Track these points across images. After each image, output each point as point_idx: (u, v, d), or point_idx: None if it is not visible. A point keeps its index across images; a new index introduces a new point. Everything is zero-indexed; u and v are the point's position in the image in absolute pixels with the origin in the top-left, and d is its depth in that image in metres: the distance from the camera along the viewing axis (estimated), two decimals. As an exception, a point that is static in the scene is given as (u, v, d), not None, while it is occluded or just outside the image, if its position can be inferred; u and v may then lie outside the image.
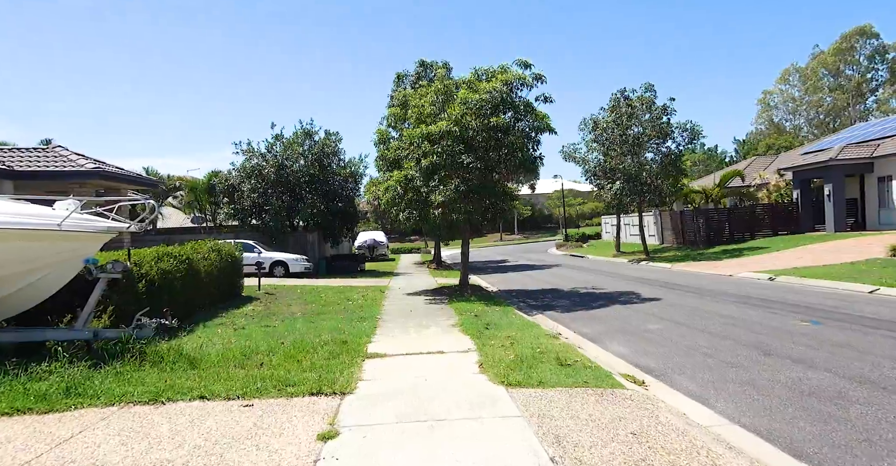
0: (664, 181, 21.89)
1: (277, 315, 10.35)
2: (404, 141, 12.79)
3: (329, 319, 9.62)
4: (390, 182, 12.33)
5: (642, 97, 21.73)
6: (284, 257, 18.79)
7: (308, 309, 11.10)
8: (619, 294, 12.52)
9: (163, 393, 4.69)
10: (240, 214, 19.76)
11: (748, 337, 6.91)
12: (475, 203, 12.43)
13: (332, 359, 6.23)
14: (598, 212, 63.42)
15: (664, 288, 13.22)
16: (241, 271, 12.80)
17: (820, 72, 47.30)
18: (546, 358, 5.97)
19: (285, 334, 8.03)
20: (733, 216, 24.06)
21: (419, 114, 12.69)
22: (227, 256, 11.72)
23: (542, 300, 12.42)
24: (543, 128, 12.39)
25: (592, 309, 10.55)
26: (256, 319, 9.85)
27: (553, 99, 12.15)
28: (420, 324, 8.92)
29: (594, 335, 7.94)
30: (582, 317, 9.61)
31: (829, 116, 48.16)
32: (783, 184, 24.87)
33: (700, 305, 10.01)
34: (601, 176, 23.25)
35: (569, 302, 11.68)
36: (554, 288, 14.58)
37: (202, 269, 10.35)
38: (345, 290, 14.50)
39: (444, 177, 12.36)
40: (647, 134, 21.61)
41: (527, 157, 12.28)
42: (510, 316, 9.54)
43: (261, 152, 20.28)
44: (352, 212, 22.41)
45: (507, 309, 10.49)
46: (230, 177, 20.03)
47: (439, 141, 11.97)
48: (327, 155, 21.05)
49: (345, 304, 11.65)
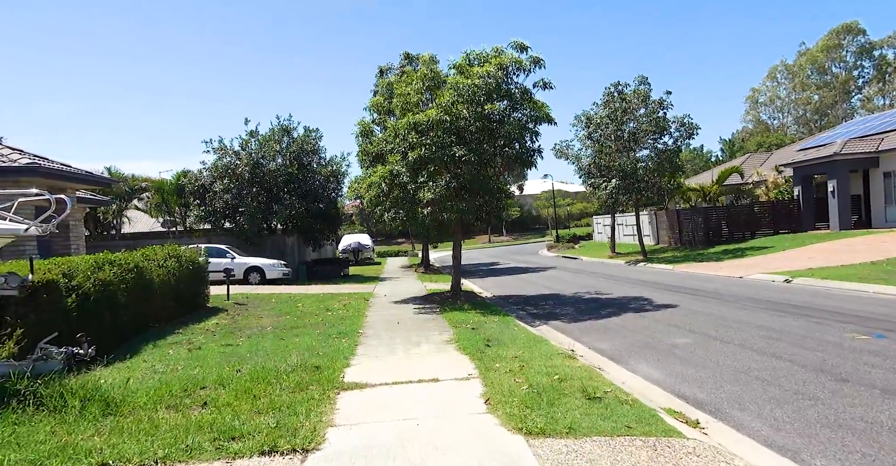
0: (662, 178, 20.95)
1: (244, 330, 8.99)
2: (389, 133, 11.52)
3: (303, 335, 8.30)
4: (373, 178, 11.05)
5: (637, 90, 20.78)
6: (260, 262, 17.35)
7: (281, 322, 9.75)
8: (627, 300, 11.39)
9: (46, 462, 3.34)
10: (211, 217, 18.24)
11: (806, 356, 5.76)
12: (468, 200, 11.21)
13: (298, 393, 4.94)
14: (587, 212, 62.89)
15: (675, 292, 12.13)
16: (205, 279, 11.39)
17: (807, 69, 47.22)
18: (568, 388, 4.75)
19: (247, 356, 6.70)
20: (732, 214, 23.24)
21: (405, 103, 11.44)
22: (188, 263, 10.32)
23: (543, 307, 11.23)
24: (542, 119, 11.23)
25: (602, 317, 9.39)
26: (219, 336, 8.48)
27: (553, 85, 11.01)
28: (409, 340, 7.65)
29: (614, 352, 6.75)
30: (593, 329, 8.43)
31: (816, 114, 48.10)
32: (782, 181, 24.14)
33: (725, 312, 8.90)
34: (595, 174, 22.23)
35: (574, 310, 10.51)
36: (554, 294, 13.42)
37: (156, 279, 8.95)
38: (325, 298, 13.16)
39: (434, 171, 11.13)
40: (643, 129, 20.64)
41: (524, 149, 11.10)
42: (512, 328, 8.33)
43: (234, 150, 18.80)
44: (334, 214, 21.03)
45: (507, 319, 9.28)
46: (200, 177, 18.50)
47: (428, 132, 10.74)
48: (307, 153, 19.66)
49: (323, 316, 10.33)
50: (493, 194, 11.39)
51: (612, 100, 21.07)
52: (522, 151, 11.14)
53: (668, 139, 21.12)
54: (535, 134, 11.23)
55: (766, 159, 30.58)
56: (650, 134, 20.69)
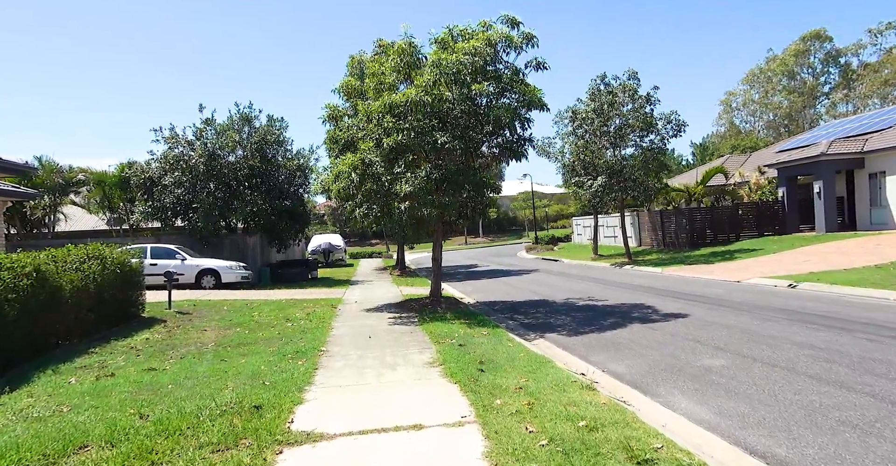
0: (649, 177, 20.10)
1: (179, 347, 7.37)
2: (361, 117, 10.04)
3: (252, 354, 6.77)
4: (342, 166, 9.55)
5: (625, 84, 19.87)
6: (215, 264, 15.53)
7: (228, 336, 8.15)
8: (627, 307, 10.24)
9: None
10: (159, 213, 16.27)
11: (889, 389, 4.59)
12: (451, 195, 9.84)
13: (222, 453, 3.47)
14: (564, 214, 62.54)
15: (677, 298, 11.07)
16: (140, 284, 9.65)
17: (779, 74, 47.92)
18: (603, 441, 3.43)
19: (168, 389, 5.14)
20: (716, 216, 22.64)
21: (378, 84, 9.99)
22: (115, 265, 8.58)
23: (534, 316, 9.96)
24: (535, 104, 9.96)
25: (606, 329, 8.16)
26: (144, 356, 6.85)
27: (548, 65, 9.76)
28: (382, 361, 6.21)
29: (635, 377, 5.49)
30: (600, 344, 7.18)
31: (785, 119, 48.86)
32: (765, 182, 23.73)
33: (747, 324, 7.80)
34: (580, 171, 21.24)
35: (570, 320, 9.27)
36: (543, 300, 12.18)
37: (67, 285, 7.23)
38: (287, 306, 11.57)
39: (413, 161, 9.72)
40: (630, 125, 19.75)
41: (515, 138, 9.81)
42: (505, 343, 7.00)
43: (187, 139, 16.88)
44: (301, 212, 19.31)
45: (497, 331, 7.94)
46: (148, 169, 16.51)
47: (406, 115, 9.32)
48: (270, 144, 17.91)
49: (281, 327, 8.78)
50: (480, 188, 10.06)
51: (598, 94, 20.09)
52: (513, 140, 9.84)
53: (655, 136, 20.31)
54: (526, 121, 9.95)
55: (744, 161, 30.37)
56: (637, 130, 19.82)
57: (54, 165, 17.51)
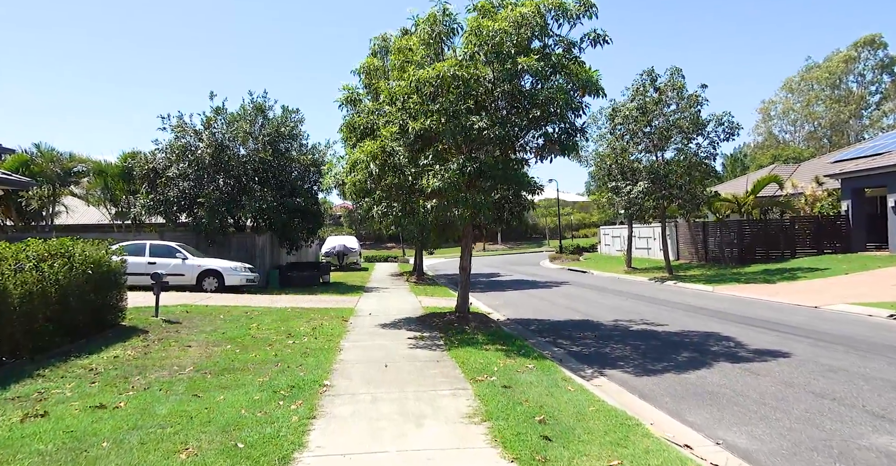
0: (697, 184, 18.19)
1: (149, 371, 5.89)
2: (383, 98, 8.52)
3: (235, 387, 5.25)
4: (359, 153, 8.02)
5: (673, 81, 18.05)
6: (217, 265, 14.16)
7: (214, 356, 6.65)
8: (698, 336, 8.45)
9: None
10: (161, 207, 15.01)
11: None
12: (486, 192, 8.23)
13: None
14: (586, 223, 60.41)
15: (751, 326, 9.24)
16: (120, 287, 8.23)
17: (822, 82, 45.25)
18: None
19: (103, 448, 3.61)
20: (769, 230, 20.55)
21: (404, 61, 8.44)
22: (86, 265, 7.17)
23: (583, 342, 8.24)
24: (590, 88, 8.29)
25: (685, 368, 6.42)
26: (101, 383, 5.38)
27: (609, 38, 8.09)
28: (404, 410, 4.61)
29: (777, 462, 3.76)
30: (688, 392, 5.46)
31: (831, 129, 46.08)
32: (822, 194, 21.55)
33: (885, 372, 5.97)
34: (616, 175, 19.44)
35: (631, 350, 7.54)
36: (586, 320, 10.45)
37: (15, 289, 5.80)
38: (291, 316, 10.08)
39: (443, 151, 8.16)
40: (677, 126, 17.90)
41: (566, 126, 8.16)
42: (562, 384, 5.35)
43: (195, 129, 15.62)
44: (315, 210, 17.90)
45: (546, 364, 6.28)
46: (152, 160, 15.28)
47: (436, 96, 7.76)
48: (284, 137, 16.57)
49: (280, 347, 7.26)
50: (521, 186, 8.40)
51: (643, 91, 18.30)
52: (564, 129, 8.19)
53: (703, 140, 18.42)
54: (579, 107, 8.29)
55: (792, 172, 28.10)
56: (686, 132, 17.95)
57: (54, 153, 16.46)
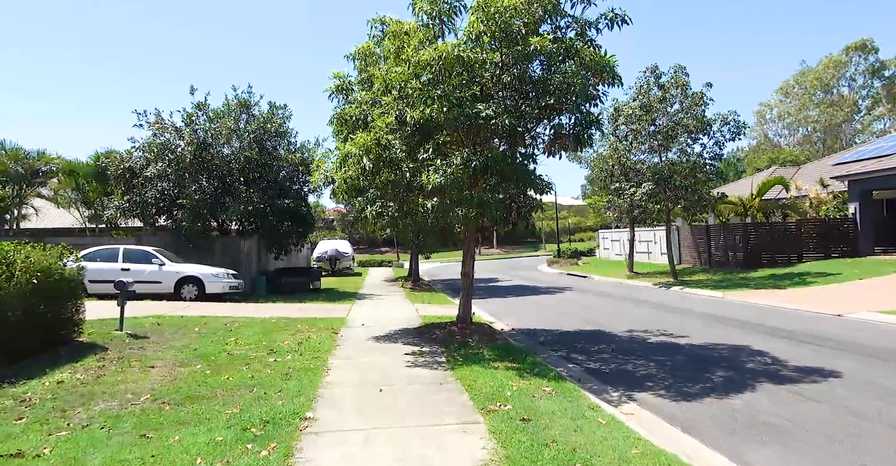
0: (702, 185, 17.50)
1: (96, 401, 4.93)
2: (378, 87, 7.65)
3: (196, 422, 4.32)
4: (350, 147, 7.12)
5: (677, 79, 17.39)
6: (198, 271, 13.14)
7: (179, 379, 5.69)
8: (727, 350, 7.62)
9: None
10: (139, 209, 13.98)
11: None
12: (493, 190, 7.36)
13: None
14: (582, 227, 59.85)
15: (779, 337, 8.44)
16: (76, 296, 7.23)
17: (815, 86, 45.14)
18: None
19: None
20: (775, 233, 19.90)
21: (401, 46, 7.58)
22: (31, 273, 6.18)
23: (600, 357, 7.38)
24: (606, 74, 7.49)
25: (725, 390, 5.58)
26: (30, 419, 4.42)
27: (630, 19, 7.30)
28: (403, 453, 3.71)
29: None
30: (738, 424, 4.61)
31: (825, 133, 45.95)
32: (827, 197, 20.98)
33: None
34: (619, 177, 18.71)
35: (656, 367, 6.69)
36: (599, 330, 9.60)
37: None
38: (275, 328, 9.12)
39: (444, 144, 7.30)
40: (683, 125, 17.22)
41: (583, 117, 7.34)
42: (590, 414, 4.48)
43: (175, 126, 14.63)
44: (304, 213, 16.94)
45: (566, 386, 5.41)
46: (128, 159, 14.26)
47: (437, 82, 6.91)
48: (271, 134, 15.64)
49: (259, 365, 6.32)
50: (530, 183, 7.55)
51: (647, 90, 17.62)
52: (580, 119, 7.37)
53: (708, 139, 17.76)
54: (595, 96, 7.47)
55: (793, 174, 27.63)
56: (691, 131, 17.28)
57: (20, 151, 15.35)
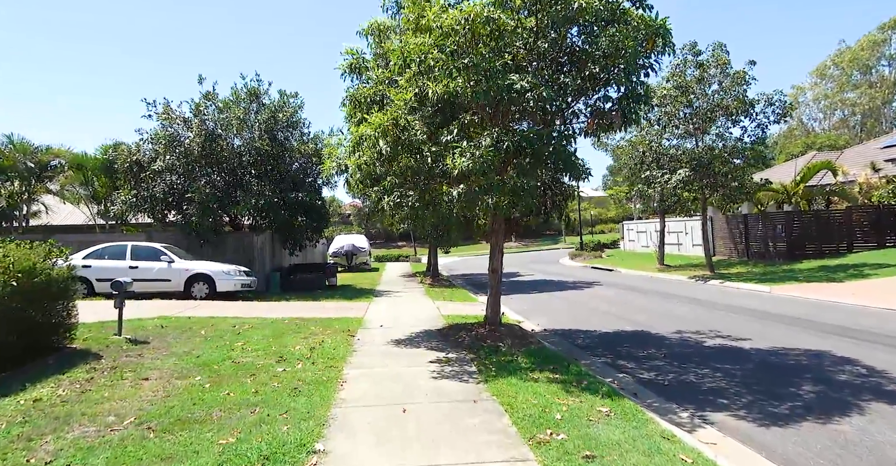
0: (743, 171, 16.22)
1: (71, 426, 4.20)
2: (395, 62, 6.74)
3: (182, 456, 3.54)
4: (364, 128, 6.25)
5: (718, 57, 16.06)
6: (208, 268, 12.52)
7: (172, 394, 4.95)
8: (800, 356, 6.60)
9: None
10: (147, 204, 13.40)
11: None
12: (528, 174, 6.42)
13: None
14: (602, 218, 58.25)
15: (862, 341, 7.35)
16: (67, 298, 6.56)
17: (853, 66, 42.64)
18: None
19: None
20: (821, 222, 18.48)
21: (420, 14, 6.64)
22: (11, 274, 5.50)
23: (652, 364, 6.43)
24: (658, 40, 6.44)
25: (825, 411, 4.61)
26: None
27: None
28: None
29: None
30: (869, 463, 3.64)
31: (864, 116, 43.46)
32: (879, 182, 19.42)
33: None
34: (651, 164, 17.51)
35: (724, 378, 5.72)
36: (643, 332, 8.62)
37: None
38: (287, 330, 8.38)
39: (470, 123, 6.38)
40: (722, 106, 15.92)
41: (631, 91, 6.33)
42: (665, 447, 3.56)
43: (183, 116, 13.98)
44: (319, 207, 16.21)
45: (625, 405, 4.51)
46: (136, 151, 13.68)
47: (462, 52, 5.98)
48: (282, 124, 14.89)
49: (265, 377, 5.55)
50: (572, 167, 6.57)
51: (682, 69, 16.33)
52: (628, 93, 6.35)
53: (750, 122, 16.42)
54: (644, 67, 6.44)
55: (836, 159, 25.89)
56: (729, 113, 15.98)
57: (27, 145, 14.94)
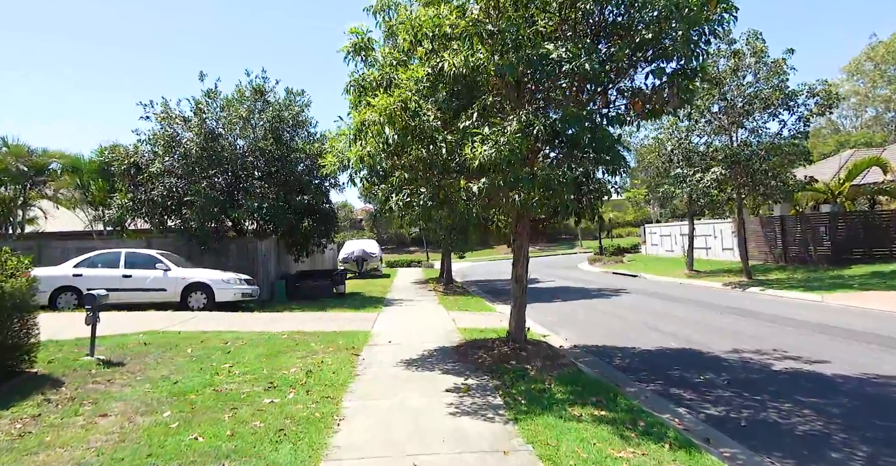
0: (785, 169, 14.91)
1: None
2: (404, 38, 5.75)
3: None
4: (368, 113, 5.25)
5: (754, 46, 14.81)
6: (206, 277, 11.63)
7: (128, 437, 3.95)
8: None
9: None
10: (144, 208, 12.61)
11: None
12: (560, 165, 5.34)
13: None
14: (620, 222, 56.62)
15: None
16: (21, 318, 5.64)
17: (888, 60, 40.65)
18: None
19: None
20: (869, 224, 17.03)
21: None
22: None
23: (717, 395, 5.27)
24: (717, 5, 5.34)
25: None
26: None
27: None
28: None
29: None
30: None
31: None
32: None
33: None
34: (680, 162, 16.28)
35: (818, 416, 4.55)
36: (689, 349, 7.44)
37: None
38: (284, 348, 7.40)
39: (492, 106, 5.34)
40: (760, 98, 14.67)
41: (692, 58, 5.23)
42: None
43: (183, 116, 13.19)
44: (326, 210, 15.32)
45: (705, 462, 3.37)
46: (133, 153, 12.92)
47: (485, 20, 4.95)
48: (288, 124, 14.04)
49: (246, 413, 4.54)
50: (616, 157, 5.46)
51: (715, 59, 15.11)
52: (684, 67, 5.25)
53: (790, 115, 15.12)
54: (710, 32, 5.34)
55: (880, 153, 24.25)
56: (768, 106, 14.71)
57: (23, 148, 14.30)
